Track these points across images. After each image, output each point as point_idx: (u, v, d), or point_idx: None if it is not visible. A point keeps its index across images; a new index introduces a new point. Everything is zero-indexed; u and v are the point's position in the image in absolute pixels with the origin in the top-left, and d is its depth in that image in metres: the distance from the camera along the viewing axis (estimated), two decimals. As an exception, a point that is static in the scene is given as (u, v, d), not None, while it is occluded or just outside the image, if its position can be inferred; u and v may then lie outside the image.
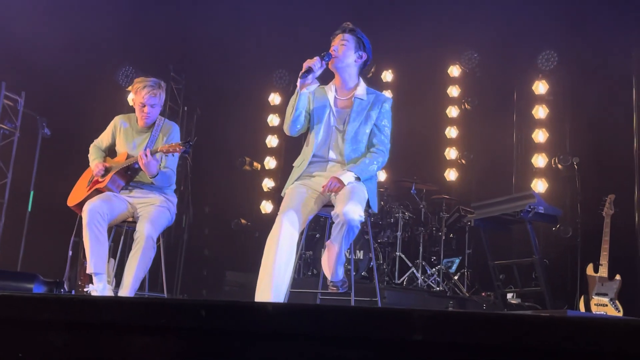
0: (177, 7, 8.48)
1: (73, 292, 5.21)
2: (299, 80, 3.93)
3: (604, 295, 6.05)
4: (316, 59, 3.92)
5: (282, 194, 4.15)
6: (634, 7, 7.33)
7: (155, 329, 1.49)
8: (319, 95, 4.15)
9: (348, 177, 3.87)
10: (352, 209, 3.66)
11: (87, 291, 4.58)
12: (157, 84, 4.76)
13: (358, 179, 3.92)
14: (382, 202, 7.78)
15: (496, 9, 7.78)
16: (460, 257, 7.71)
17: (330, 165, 4.08)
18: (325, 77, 4.18)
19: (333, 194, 3.89)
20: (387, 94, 9.29)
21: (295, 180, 4.08)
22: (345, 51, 4.06)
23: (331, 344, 1.33)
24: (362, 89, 4.15)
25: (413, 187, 7.91)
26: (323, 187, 3.88)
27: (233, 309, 1.47)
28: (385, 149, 4.11)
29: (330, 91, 4.16)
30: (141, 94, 4.71)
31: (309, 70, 3.90)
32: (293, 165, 4.22)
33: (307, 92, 4.01)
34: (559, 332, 1.37)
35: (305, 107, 4.07)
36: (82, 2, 7.87)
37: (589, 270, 6.25)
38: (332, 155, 4.08)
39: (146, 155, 4.52)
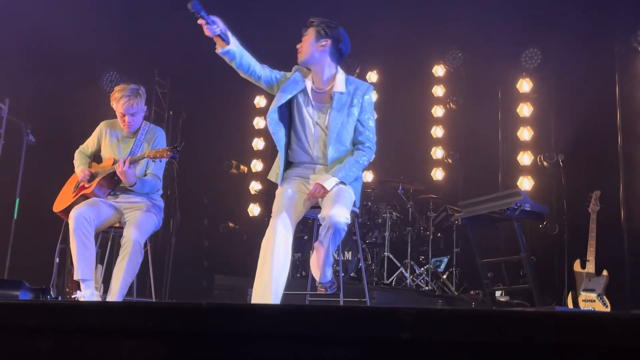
0: (161, 11, 8.45)
1: (60, 299, 5.18)
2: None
3: (592, 291, 6.09)
4: (204, 26, 3.78)
5: (271, 177, 4.13)
6: (616, 4, 7.38)
7: (142, 332, 1.49)
8: (298, 77, 4.06)
9: (331, 183, 3.86)
10: (338, 212, 3.66)
11: (74, 298, 4.56)
12: (135, 91, 4.75)
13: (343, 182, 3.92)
14: (369, 203, 7.79)
15: (480, 7, 7.81)
16: (449, 256, 7.72)
17: (319, 168, 4.06)
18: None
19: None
20: (373, 94, 9.35)
21: (283, 182, 4.07)
22: (306, 44, 3.97)
23: (321, 344, 1.33)
24: (340, 80, 4.03)
25: (400, 187, 7.91)
26: (308, 195, 3.89)
27: (221, 311, 1.46)
28: (371, 145, 4.06)
29: (308, 80, 4.06)
30: (119, 104, 4.73)
31: (220, 37, 3.82)
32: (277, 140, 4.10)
33: (231, 50, 3.86)
34: (547, 327, 1.37)
35: (242, 59, 3.91)
36: (65, 7, 7.83)
37: (576, 266, 6.28)
38: (317, 153, 4.05)
39: (123, 164, 4.51)
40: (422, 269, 7.53)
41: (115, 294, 4.48)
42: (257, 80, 4.02)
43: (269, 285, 3.64)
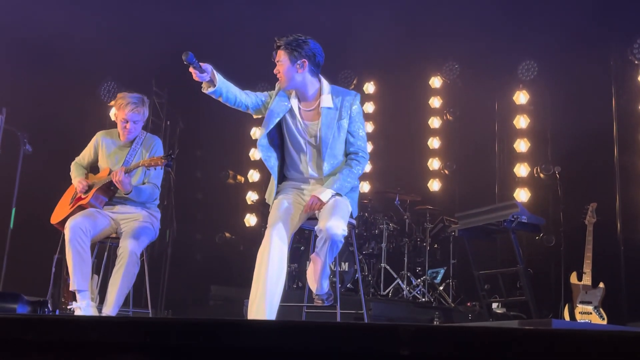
0: (158, 21, 8.46)
1: (57, 312, 5.17)
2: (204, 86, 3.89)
3: (588, 303, 6.08)
4: (195, 74, 3.78)
5: (266, 198, 4.14)
6: (612, 16, 7.41)
7: (141, 347, 1.48)
8: (283, 96, 4.05)
9: (327, 195, 3.87)
10: (335, 225, 3.66)
11: (70, 308, 4.54)
12: (141, 100, 4.77)
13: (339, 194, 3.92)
14: (366, 214, 7.79)
15: (476, 20, 7.84)
16: (445, 268, 7.71)
17: (313, 182, 4.07)
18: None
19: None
20: (370, 105, 9.36)
21: (279, 194, 4.07)
22: (284, 71, 3.92)
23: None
24: (326, 94, 4.00)
25: (397, 198, 7.92)
26: (305, 207, 3.89)
27: (219, 327, 1.46)
28: (364, 154, 4.05)
29: (294, 99, 4.04)
30: (124, 111, 4.71)
31: (209, 81, 3.84)
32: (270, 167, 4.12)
33: (217, 89, 3.87)
34: (544, 343, 1.37)
35: (228, 94, 3.93)
36: (63, 18, 7.84)
37: (573, 278, 6.28)
38: (311, 172, 4.06)
39: (119, 173, 4.51)
40: (419, 280, 7.52)
41: (111, 305, 4.47)
42: (245, 109, 4.07)
43: (264, 297, 3.63)
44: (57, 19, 7.78)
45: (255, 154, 9.80)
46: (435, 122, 9.16)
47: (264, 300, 3.63)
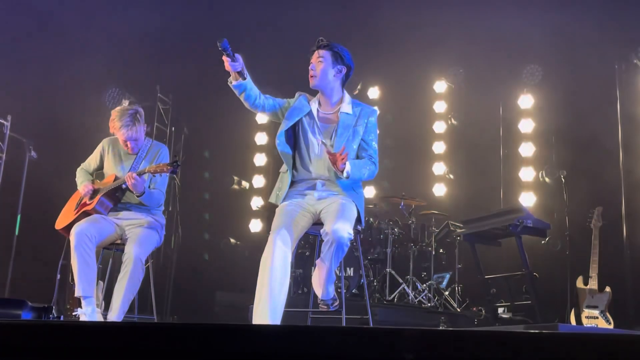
0: (163, 28, 8.49)
1: (62, 318, 5.16)
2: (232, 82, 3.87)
3: (595, 307, 6.06)
4: (227, 62, 3.76)
5: (270, 200, 4.15)
6: (617, 20, 7.40)
7: (145, 352, 1.48)
8: (303, 101, 4.12)
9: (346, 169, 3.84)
10: (341, 227, 3.66)
11: (75, 315, 4.54)
12: (133, 118, 4.72)
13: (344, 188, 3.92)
14: (371, 219, 7.77)
15: (481, 24, 7.84)
16: (451, 272, 7.69)
17: (321, 185, 4.07)
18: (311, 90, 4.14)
19: (323, 212, 3.91)
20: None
21: (284, 199, 4.07)
22: (323, 68, 4.02)
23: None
24: (347, 103, 4.11)
25: (402, 203, 7.90)
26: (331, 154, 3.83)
27: (224, 332, 1.46)
28: (375, 162, 4.10)
29: (314, 103, 4.13)
30: (120, 134, 4.73)
31: (240, 73, 3.82)
32: (280, 171, 4.19)
33: (243, 83, 3.87)
34: (550, 347, 1.37)
35: (251, 91, 3.93)
36: (67, 23, 7.87)
37: (579, 283, 6.26)
38: (321, 172, 4.06)
39: (132, 175, 4.52)
40: (425, 285, 7.50)
41: (116, 311, 4.47)
42: (261, 110, 4.08)
43: (267, 303, 3.63)
44: (62, 26, 7.82)
45: (259, 160, 9.81)
46: (439, 127, 9.15)
47: (267, 306, 3.62)
